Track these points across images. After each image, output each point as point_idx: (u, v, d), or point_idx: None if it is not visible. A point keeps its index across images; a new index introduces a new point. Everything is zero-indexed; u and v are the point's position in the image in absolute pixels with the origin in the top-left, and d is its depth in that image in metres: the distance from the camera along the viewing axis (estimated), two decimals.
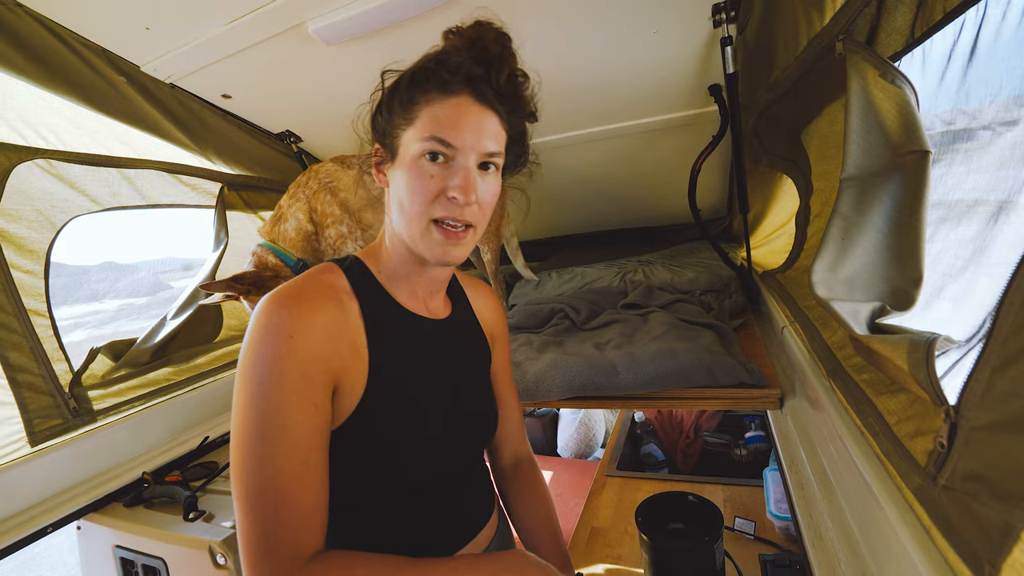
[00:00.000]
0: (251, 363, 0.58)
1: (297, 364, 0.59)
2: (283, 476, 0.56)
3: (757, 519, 1.52)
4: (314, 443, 0.60)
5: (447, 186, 0.65)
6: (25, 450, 1.17)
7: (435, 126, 0.65)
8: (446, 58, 0.67)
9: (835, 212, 0.72)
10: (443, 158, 0.65)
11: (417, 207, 0.66)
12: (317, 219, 1.45)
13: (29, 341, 1.19)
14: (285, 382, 0.58)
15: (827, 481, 0.78)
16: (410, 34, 1.25)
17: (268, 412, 0.57)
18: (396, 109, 0.69)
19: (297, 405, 0.58)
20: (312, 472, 0.59)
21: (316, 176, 1.46)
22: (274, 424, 0.57)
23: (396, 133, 0.69)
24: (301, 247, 1.44)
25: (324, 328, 0.62)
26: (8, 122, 1.19)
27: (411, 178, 0.66)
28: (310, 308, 0.62)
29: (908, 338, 0.53)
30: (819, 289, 0.71)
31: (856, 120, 0.69)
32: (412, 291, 0.76)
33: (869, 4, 0.70)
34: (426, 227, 0.67)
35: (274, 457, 0.56)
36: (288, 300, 0.61)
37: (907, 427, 0.57)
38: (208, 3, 1.14)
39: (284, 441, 0.57)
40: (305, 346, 0.60)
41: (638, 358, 1.14)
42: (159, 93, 1.40)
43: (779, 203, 1.48)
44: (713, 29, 1.20)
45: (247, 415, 0.58)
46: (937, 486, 0.48)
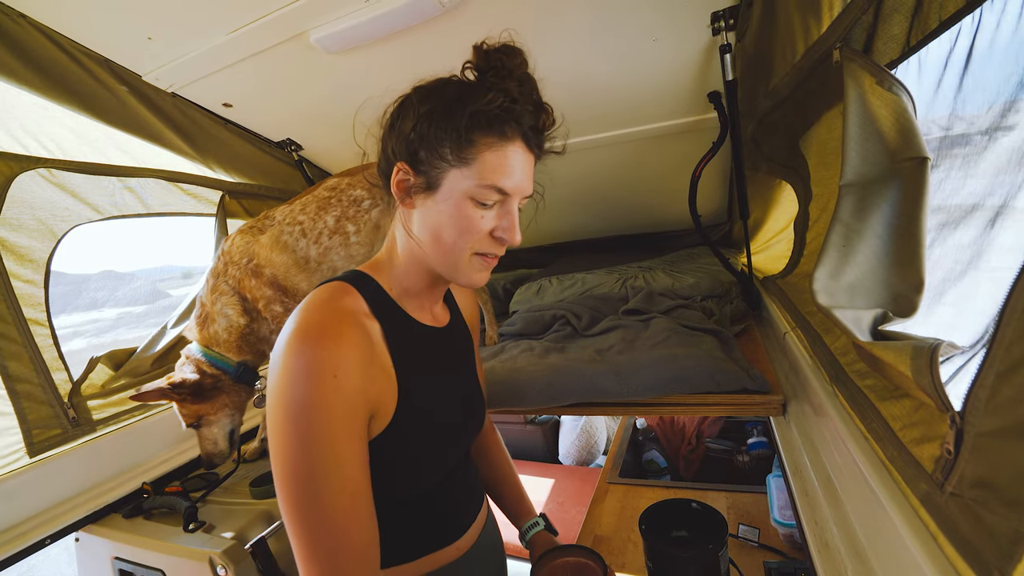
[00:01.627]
0: (296, 404, 0.57)
1: (343, 401, 0.59)
2: (339, 512, 0.58)
3: (761, 526, 1.51)
4: (362, 476, 0.61)
5: (497, 227, 0.69)
6: (24, 461, 1.17)
7: (493, 175, 0.66)
8: (511, 103, 0.66)
9: (835, 219, 0.72)
10: (495, 202, 0.68)
11: (464, 243, 0.68)
12: (250, 306, 1.31)
13: (28, 351, 1.18)
14: (333, 421, 0.58)
15: (832, 487, 0.78)
16: (410, 43, 1.26)
17: (317, 452, 0.57)
18: (446, 142, 0.66)
19: (345, 441, 0.59)
20: (364, 505, 0.61)
21: (233, 261, 1.31)
22: (326, 463, 0.57)
23: (441, 166, 0.67)
24: (237, 347, 1.30)
25: (360, 360, 0.62)
26: (10, 131, 1.19)
27: (460, 217, 0.67)
28: (345, 343, 0.61)
29: (911, 344, 0.53)
30: (820, 297, 0.71)
31: (854, 127, 0.69)
32: (421, 304, 0.79)
33: (866, 12, 0.71)
34: (468, 258, 0.70)
35: (328, 495, 0.57)
36: (322, 338, 0.60)
37: (912, 433, 0.57)
38: (210, 13, 1.15)
39: (336, 478, 0.58)
40: (348, 384, 0.60)
41: (640, 364, 1.14)
42: (160, 102, 1.41)
43: (778, 209, 1.49)
44: (712, 37, 1.21)
45: (296, 456, 0.57)
46: (944, 493, 0.48)
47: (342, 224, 1.36)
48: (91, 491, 1.28)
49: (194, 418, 1.26)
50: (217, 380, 1.28)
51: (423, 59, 1.34)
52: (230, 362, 1.29)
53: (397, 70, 1.38)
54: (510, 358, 1.38)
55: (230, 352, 1.30)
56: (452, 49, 1.30)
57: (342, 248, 1.37)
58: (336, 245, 1.36)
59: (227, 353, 1.29)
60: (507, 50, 0.68)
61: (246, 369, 1.31)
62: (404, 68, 1.37)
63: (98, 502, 1.27)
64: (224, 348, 1.29)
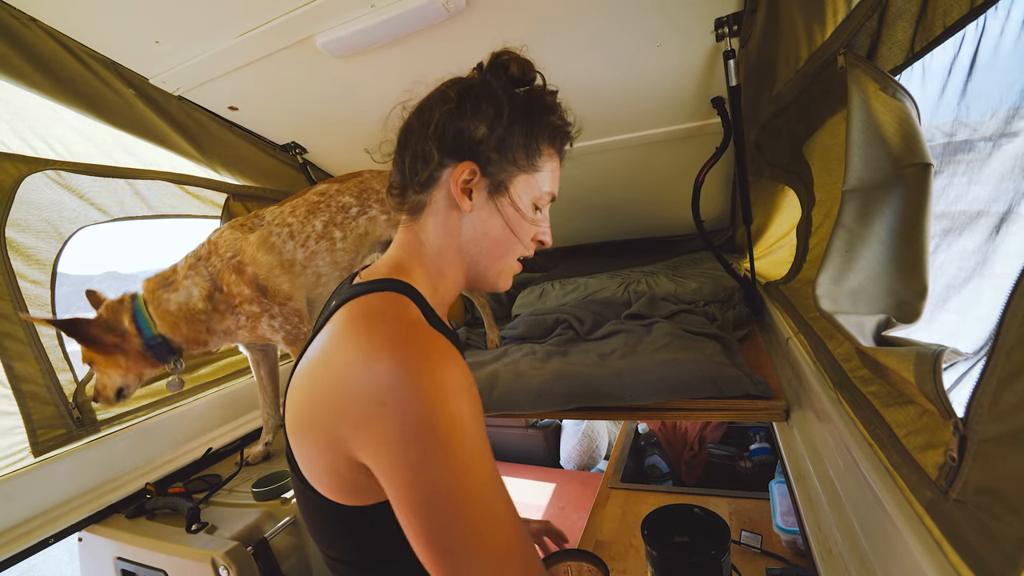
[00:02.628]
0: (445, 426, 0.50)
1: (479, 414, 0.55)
2: (517, 536, 0.53)
3: (763, 532, 1.50)
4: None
5: (540, 232, 0.74)
6: (28, 460, 1.17)
7: (552, 183, 0.73)
8: (568, 127, 0.75)
9: (838, 224, 0.72)
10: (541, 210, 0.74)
11: (518, 247, 0.72)
12: (223, 299, 1.27)
13: (34, 351, 1.19)
14: (483, 434, 0.54)
15: (835, 494, 0.78)
16: (415, 48, 1.27)
17: (483, 471, 0.52)
18: (519, 145, 0.68)
19: (491, 456, 0.54)
20: (524, 528, 0.56)
21: (217, 251, 1.29)
22: (494, 483, 0.53)
23: (509, 169, 0.68)
24: (174, 323, 1.23)
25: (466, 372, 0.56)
26: (19, 133, 1.20)
27: (523, 222, 0.71)
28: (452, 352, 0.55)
29: (915, 350, 0.53)
30: (823, 302, 0.71)
31: (857, 133, 0.69)
32: (443, 314, 0.75)
33: (870, 19, 0.71)
34: (512, 263, 0.74)
35: (506, 515, 0.53)
36: (434, 351, 0.54)
37: (917, 440, 0.57)
38: (217, 17, 1.16)
39: (505, 500, 0.54)
40: (474, 395, 0.55)
41: (642, 368, 1.14)
42: (167, 105, 1.42)
43: (781, 214, 1.49)
44: (716, 43, 1.22)
45: (458, 484, 0.50)
46: (949, 500, 0.48)
47: (329, 230, 1.38)
48: (94, 491, 1.28)
49: (87, 360, 1.21)
50: (124, 339, 1.20)
51: (427, 64, 1.35)
52: (152, 328, 1.22)
53: (402, 75, 1.39)
54: (512, 362, 1.38)
55: (163, 322, 1.23)
56: (457, 54, 1.32)
57: (328, 254, 1.38)
58: (322, 250, 1.37)
59: (159, 321, 1.23)
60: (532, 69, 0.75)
61: (162, 343, 1.23)
62: (409, 73, 1.38)
63: (101, 502, 1.27)
64: (159, 316, 1.23)
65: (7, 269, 1.16)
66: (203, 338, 1.29)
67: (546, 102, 0.72)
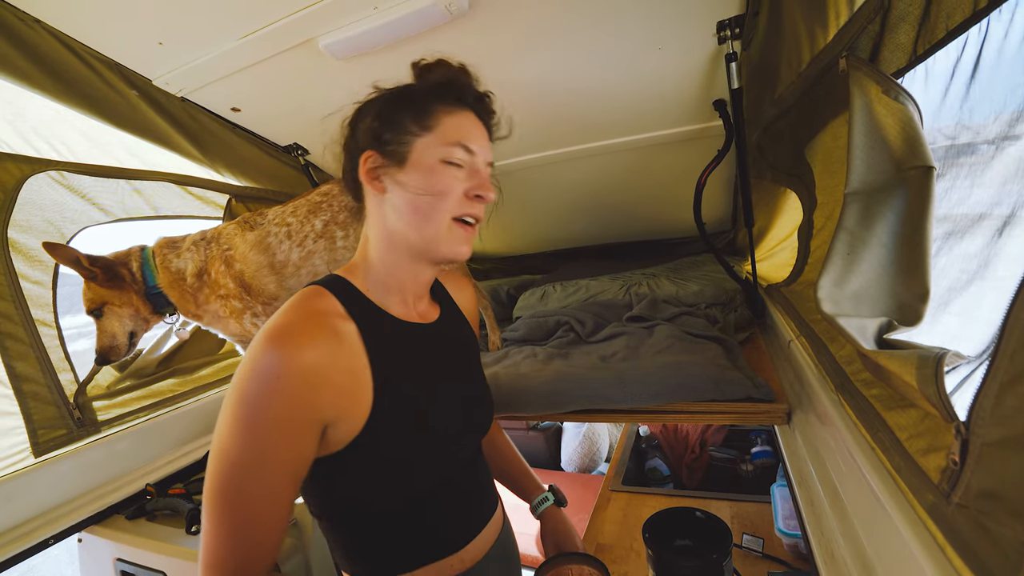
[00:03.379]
0: (239, 396, 0.60)
1: (282, 405, 0.60)
2: (248, 505, 0.60)
3: (765, 536, 1.50)
4: (286, 478, 0.62)
5: (470, 186, 0.72)
6: (29, 460, 1.17)
7: (458, 134, 0.72)
8: (455, 77, 0.75)
9: (840, 227, 0.72)
10: (464, 163, 0.72)
11: (442, 207, 0.71)
12: (209, 283, 1.33)
13: (36, 351, 1.19)
14: (269, 420, 0.59)
15: (837, 498, 0.77)
16: (417, 50, 1.25)
17: (249, 444, 0.59)
18: (407, 117, 0.72)
19: (276, 442, 0.60)
20: (279, 503, 0.62)
21: (216, 241, 1.36)
22: (253, 456, 0.59)
23: (406, 139, 0.72)
24: (168, 283, 1.31)
25: (314, 365, 0.62)
26: (22, 134, 1.21)
27: (437, 179, 0.71)
28: (300, 345, 0.62)
29: (917, 353, 0.53)
30: (825, 305, 0.71)
31: (859, 136, 0.69)
32: (403, 299, 0.79)
33: (872, 21, 0.71)
34: (449, 225, 0.72)
35: (249, 485, 0.59)
36: (280, 339, 0.62)
37: (919, 443, 0.57)
38: (221, 19, 1.16)
39: (257, 474, 0.60)
40: (291, 388, 0.60)
41: (644, 371, 1.14)
42: (170, 106, 1.42)
43: (783, 217, 1.49)
44: (718, 45, 1.22)
45: (230, 442, 0.59)
46: (951, 504, 0.48)
47: (330, 228, 1.38)
48: (95, 492, 1.28)
49: (98, 303, 1.24)
50: (132, 280, 1.29)
51: None
52: (155, 277, 1.30)
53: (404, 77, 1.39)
54: (514, 364, 1.38)
55: (163, 278, 1.30)
56: (459, 56, 1.32)
57: (326, 252, 1.39)
58: (320, 249, 1.38)
59: (161, 275, 1.30)
60: (440, 62, 0.77)
61: (160, 294, 1.30)
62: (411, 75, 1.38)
63: (101, 503, 1.27)
64: (162, 271, 1.31)
65: (9, 269, 1.16)
66: (192, 309, 1.34)
67: (425, 69, 0.76)
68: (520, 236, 2.55)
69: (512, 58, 1.32)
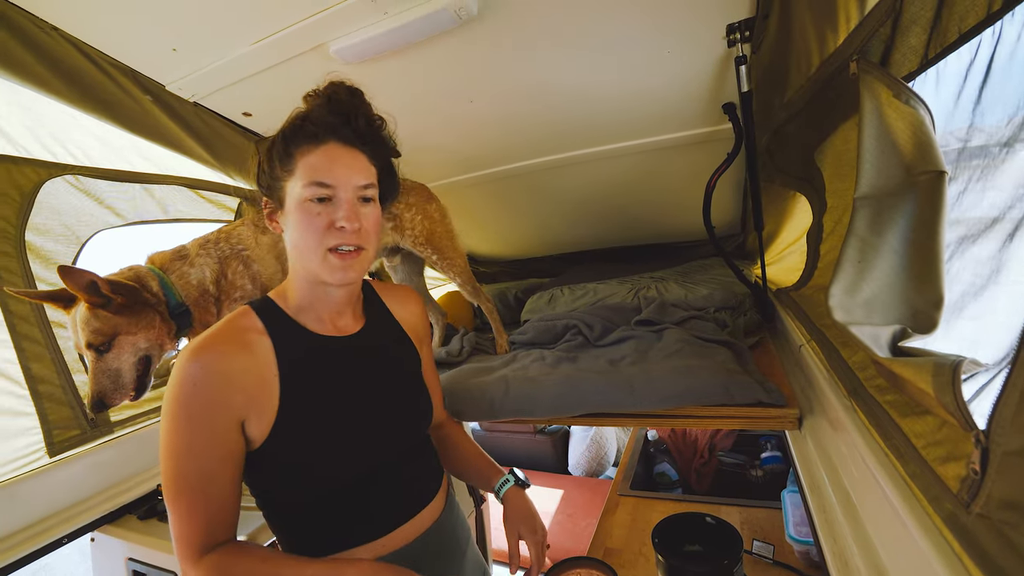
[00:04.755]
0: (171, 399, 0.72)
1: (200, 406, 0.72)
2: (192, 488, 0.72)
3: (776, 542, 1.48)
4: (215, 466, 0.73)
5: (335, 219, 0.77)
6: (44, 460, 1.19)
7: (312, 172, 0.77)
8: (309, 114, 0.81)
9: (850, 232, 0.71)
10: (326, 197, 0.78)
11: (312, 241, 0.77)
12: (224, 287, 1.25)
13: (51, 352, 1.21)
14: (192, 420, 0.71)
15: (850, 504, 0.77)
16: (427, 55, 1.28)
17: (180, 441, 0.71)
18: (276, 164, 0.80)
19: (200, 437, 0.72)
20: (217, 482, 0.73)
21: (228, 241, 1.28)
22: (184, 450, 0.71)
23: (279, 185, 0.80)
24: (191, 299, 1.19)
25: (225, 373, 0.73)
26: (39, 139, 1.23)
27: (301, 218, 0.78)
28: (214, 357, 0.73)
29: (933, 361, 0.52)
30: (837, 313, 0.70)
31: (870, 140, 0.69)
32: (319, 316, 0.87)
33: (884, 25, 0.71)
34: (323, 256, 0.78)
35: (186, 475, 0.72)
36: (198, 351, 0.73)
37: (937, 451, 0.56)
38: (233, 25, 1.18)
39: (193, 462, 0.72)
40: (207, 389, 0.72)
41: (653, 375, 1.14)
42: (183, 111, 1.44)
43: (792, 220, 1.48)
44: (727, 48, 1.21)
45: (168, 440, 0.72)
46: (971, 513, 0.47)
47: None
48: (107, 492, 1.30)
49: (109, 334, 1.03)
50: (157, 301, 1.12)
51: (439, 70, 1.36)
52: (177, 296, 1.15)
53: (413, 81, 1.40)
54: (522, 367, 1.38)
55: (185, 294, 1.17)
56: (468, 61, 1.33)
57: None
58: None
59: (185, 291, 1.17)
60: (327, 86, 0.85)
61: (186, 313, 1.16)
62: (420, 79, 1.39)
63: (114, 503, 1.29)
64: (181, 287, 1.17)
65: (26, 272, 1.18)
66: (212, 321, 1.24)
67: (292, 116, 0.83)
68: (528, 239, 2.55)
69: (520, 62, 1.32)
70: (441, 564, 0.94)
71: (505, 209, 2.26)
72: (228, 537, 0.75)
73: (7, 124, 1.17)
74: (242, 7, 1.12)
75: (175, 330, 1.17)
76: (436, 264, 1.57)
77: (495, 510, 2.31)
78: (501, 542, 2.29)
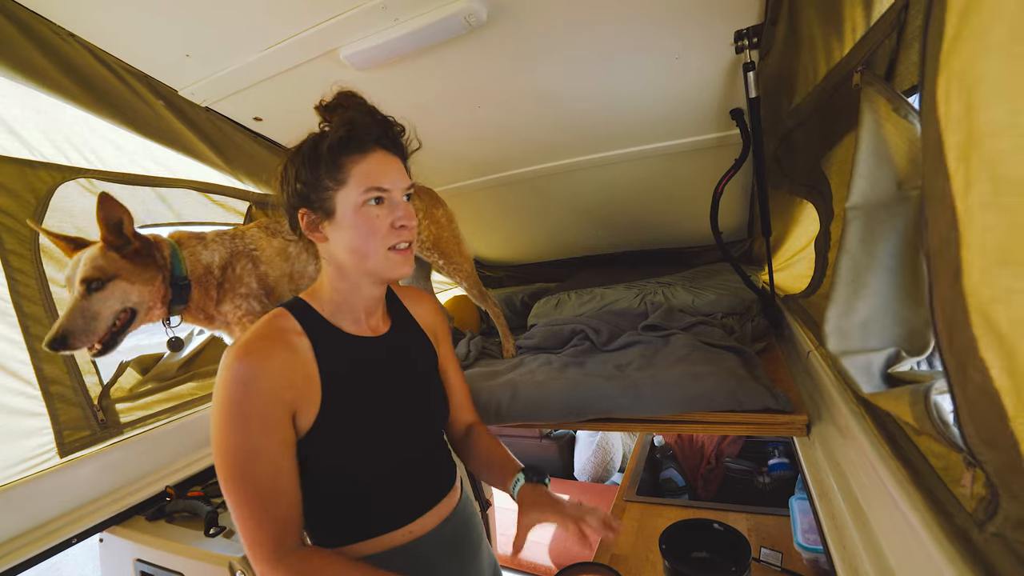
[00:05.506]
0: (221, 406, 0.73)
1: (255, 403, 0.74)
2: (259, 489, 0.73)
3: (784, 550, 1.47)
4: (280, 461, 0.75)
5: (394, 219, 0.83)
6: (54, 461, 1.20)
7: (369, 179, 0.81)
8: (354, 126, 0.83)
9: (842, 250, 0.71)
10: (382, 199, 0.82)
11: (377, 241, 0.82)
12: (231, 280, 1.25)
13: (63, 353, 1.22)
14: (249, 419, 0.73)
15: (860, 512, 0.76)
16: (437, 61, 1.29)
17: (240, 442, 0.73)
18: (323, 176, 0.82)
19: (261, 434, 0.74)
20: (283, 483, 0.75)
21: (243, 238, 1.31)
22: (246, 451, 0.73)
23: (327, 195, 0.82)
24: (196, 276, 1.20)
25: (274, 370, 0.76)
26: (55, 143, 1.25)
27: (363, 222, 0.81)
28: (261, 356, 0.76)
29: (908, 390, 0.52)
30: (831, 341, 0.71)
31: (866, 152, 0.69)
32: (354, 317, 0.91)
33: (889, 37, 0.71)
34: (385, 255, 0.83)
35: (252, 476, 0.73)
36: (243, 352, 0.76)
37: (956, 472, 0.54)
38: (246, 31, 1.19)
39: (257, 462, 0.73)
40: (260, 388, 0.74)
41: (661, 380, 1.13)
42: (194, 116, 1.46)
43: (800, 227, 1.47)
44: (736, 55, 1.22)
45: (227, 440, 0.73)
46: (986, 532, 0.46)
47: None
48: (116, 492, 1.30)
49: (109, 273, 1.04)
50: (164, 264, 1.14)
51: (448, 76, 1.37)
52: (184, 269, 1.17)
53: (422, 86, 1.41)
54: (528, 372, 1.38)
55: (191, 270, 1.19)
56: (477, 66, 1.34)
57: None
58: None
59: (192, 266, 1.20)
60: (340, 96, 0.87)
61: (186, 287, 1.17)
62: (429, 84, 1.40)
63: (123, 503, 1.29)
64: (190, 263, 1.19)
65: (40, 274, 1.19)
66: (209, 309, 1.24)
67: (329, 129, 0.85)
68: (534, 244, 2.55)
69: (528, 68, 1.33)
70: (458, 554, 0.96)
71: (512, 214, 2.27)
72: (299, 530, 0.77)
73: (23, 128, 1.19)
74: (255, 13, 1.14)
75: (170, 299, 1.17)
76: (443, 269, 1.58)
77: (500, 516, 2.31)
78: (504, 547, 2.28)
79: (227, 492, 0.74)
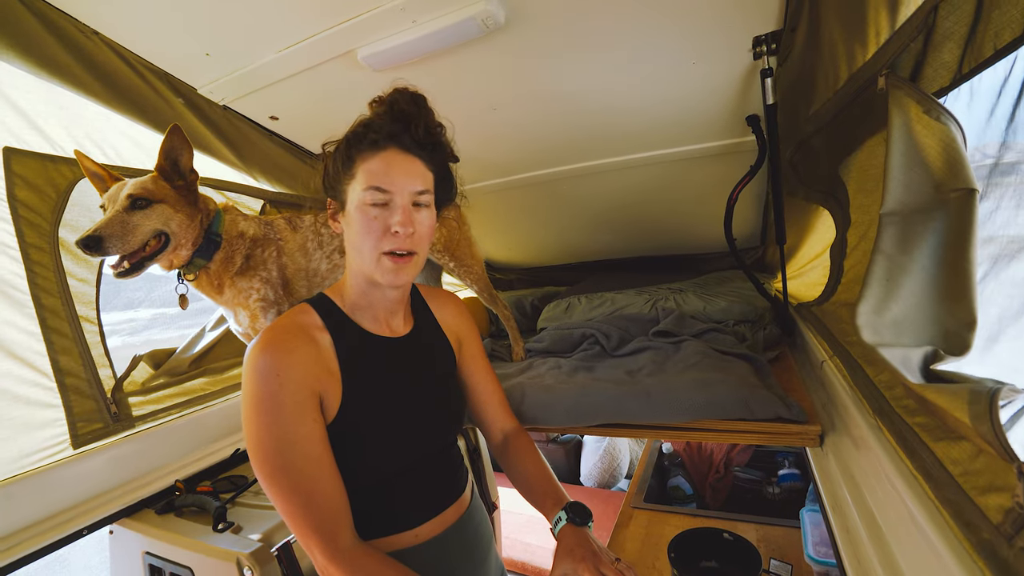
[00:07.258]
0: (254, 399, 0.74)
1: (288, 392, 0.75)
2: (303, 478, 0.74)
3: (794, 562, 1.45)
4: (320, 449, 0.76)
5: (390, 223, 0.80)
6: (67, 452, 1.21)
7: (371, 177, 0.81)
8: (371, 122, 0.84)
9: (876, 250, 0.70)
10: (383, 202, 0.80)
11: (369, 243, 0.81)
12: (254, 262, 1.26)
13: (79, 346, 1.24)
14: (283, 408, 0.74)
15: (875, 525, 0.75)
16: (453, 63, 1.30)
17: (277, 432, 0.73)
18: (340, 168, 0.84)
19: (297, 422, 0.75)
20: (326, 470, 0.76)
21: (273, 226, 1.34)
22: (286, 442, 0.73)
23: (342, 188, 0.84)
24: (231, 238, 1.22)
25: (301, 362, 0.77)
26: (76, 139, 1.27)
27: (360, 221, 0.81)
28: (286, 350, 0.77)
29: (968, 388, 0.50)
30: (865, 333, 0.69)
31: (898, 156, 0.68)
32: (374, 316, 0.91)
33: (915, 40, 0.70)
34: (378, 258, 0.81)
35: (293, 466, 0.73)
36: (268, 346, 0.77)
37: (976, 480, 0.53)
38: (265, 31, 1.21)
39: (297, 453, 0.74)
40: (290, 378, 0.75)
41: (671, 386, 1.12)
42: (212, 114, 1.48)
43: (814, 235, 1.46)
44: (753, 61, 1.21)
45: (262, 432, 0.73)
46: (1014, 547, 0.45)
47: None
48: (127, 485, 1.32)
49: (158, 197, 1.09)
50: (202, 211, 1.18)
51: (465, 78, 1.37)
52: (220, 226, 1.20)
53: (440, 89, 1.41)
54: (538, 375, 1.38)
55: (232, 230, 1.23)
56: (493, 69, 1.34)
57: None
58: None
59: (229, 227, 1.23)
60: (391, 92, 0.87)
61: (216, 241, 1.19)
62: (446, 87, 1.41)
63: (133, 496, 1.30)
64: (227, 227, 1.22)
65: (58, 266, 1.21)
66: (224, 278, 1.23)
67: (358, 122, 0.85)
68: (545, 247, 2.55)
69: (544, 71, 1.33)
70: (468, 557, 0.96)
71: (524, 217, 2.27)
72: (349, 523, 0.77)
73: (46, 124, 1.21)
74: (275, 13, 1.15)
75: (199, 245, 1.17)
76: (453, 271, 1.58)
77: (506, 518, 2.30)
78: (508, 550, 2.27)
79: (268, 486, 0.74)
